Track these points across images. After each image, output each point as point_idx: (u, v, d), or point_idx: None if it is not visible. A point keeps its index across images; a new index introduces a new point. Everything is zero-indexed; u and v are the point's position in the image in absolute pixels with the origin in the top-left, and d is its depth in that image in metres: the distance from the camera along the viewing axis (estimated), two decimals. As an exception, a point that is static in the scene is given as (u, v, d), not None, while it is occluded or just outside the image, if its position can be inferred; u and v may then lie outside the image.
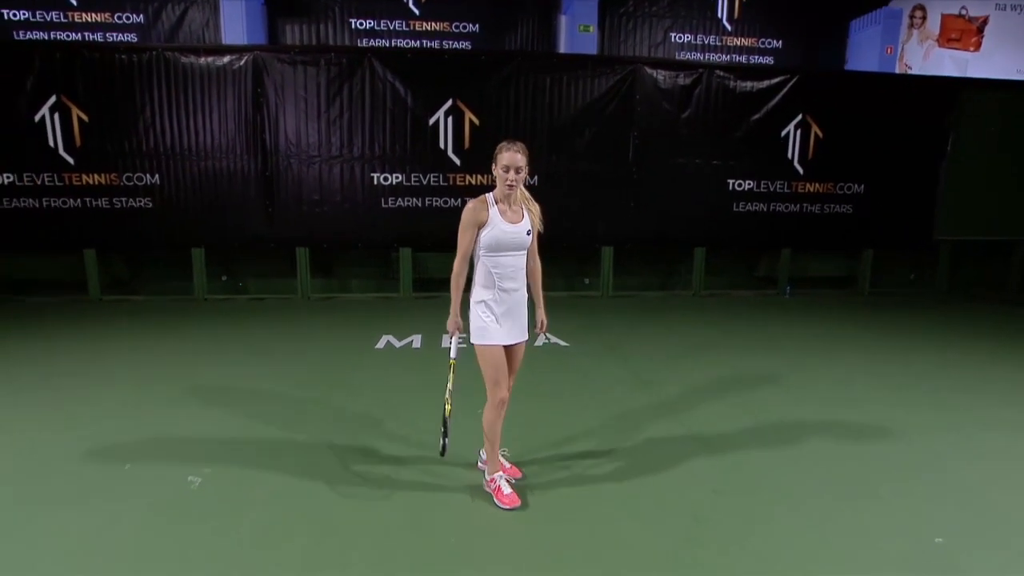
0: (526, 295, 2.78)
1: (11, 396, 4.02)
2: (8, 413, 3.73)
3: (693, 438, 3.47)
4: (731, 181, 7.57)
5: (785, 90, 7.42)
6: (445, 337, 2.71)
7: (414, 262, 7.41)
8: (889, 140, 7.67)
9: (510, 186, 2.60)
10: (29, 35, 8.24)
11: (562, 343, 5.47)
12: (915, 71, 10.16)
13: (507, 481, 2.79)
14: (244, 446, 3.31)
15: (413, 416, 3.73)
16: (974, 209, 8.06)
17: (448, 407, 2.74)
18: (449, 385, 2.78)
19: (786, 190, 7.70)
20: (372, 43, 8.89)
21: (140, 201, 6.78)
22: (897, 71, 9.91)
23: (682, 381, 4.47)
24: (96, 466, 3.05)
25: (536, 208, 2.76)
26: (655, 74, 7.21)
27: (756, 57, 9.78)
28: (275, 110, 6.76)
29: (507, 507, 2.68)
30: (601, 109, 7.18)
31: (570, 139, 7.20)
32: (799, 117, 7.52)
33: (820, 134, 7.59)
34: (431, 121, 7.00)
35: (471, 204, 2.63)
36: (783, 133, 7.54)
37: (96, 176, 6.68)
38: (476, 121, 7.04)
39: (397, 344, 5.41)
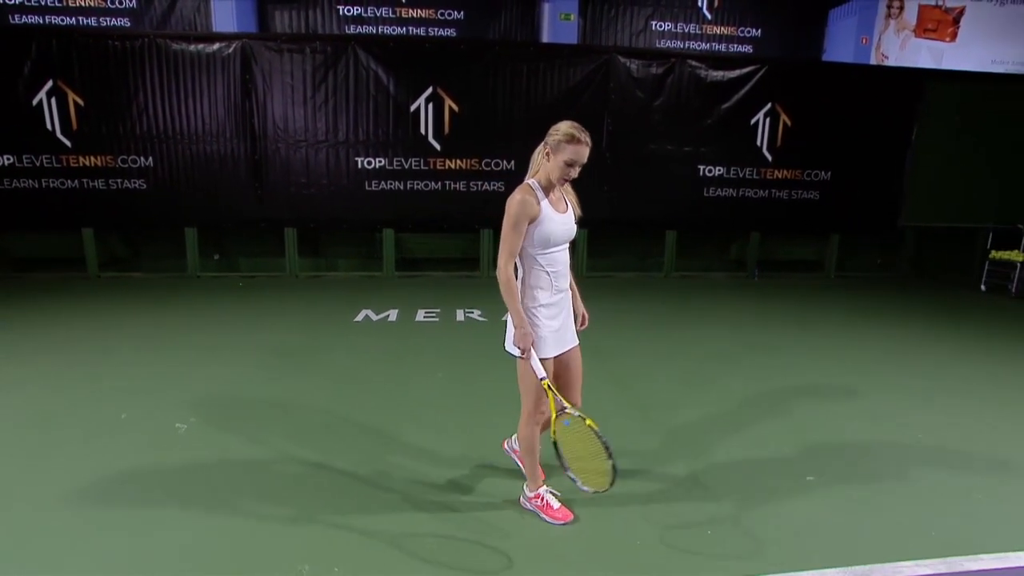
0: (572, 294, 2.54)
1: (16, 360, 4.40)
2: (14, 375, 4.12)
3: (630, 404, 3.86)
4: (702, 167, 7.88)
5: (755, 79, 7.70)
6: (511, 346, 2.35)
7: (397, 243, 7.77)
8: (856, 129, 7.97)
9: (566, 180, 2.34)
10: (25, 19, 8.49)
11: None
12: (892, 61, 10.39)
13: (553, 494, 2.56)
14: (226, 401, 3.70)
15: (390, 381, 4.12)
16: (938, 197, 8.37)
17: (588, 421, 2.25)
18: (567, 409, 2.31)
19: (755, 176, 8.01)
20: (359, 30, 9.13)
21: (135, 182, 7.11)
22: (874, 61, 10.14)
23: (634, 352, 4.85)
24: (97, 418, 3.44)
25: (573, 195, 2.51)
26: (629, 63, 7.49)
27: (735, 46, 10.01)
28: (263, 96, 7.06)
29: (560, 522, 2.47)
30: (576, 96, 7.47)
31: (546, 125, 7.42)
32: (768, 106, 7.81)
33: (789, 122, 7.89)
34: (412, 107, 7.30)
35: (519, 196, 2.27)
36: (752, 121, 7.83)
37: (92, 158, 7.00)
38: (456, 108, 7.34)
39: (374, 317, 5.79)
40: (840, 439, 3.36)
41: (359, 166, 7.38)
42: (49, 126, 6.86)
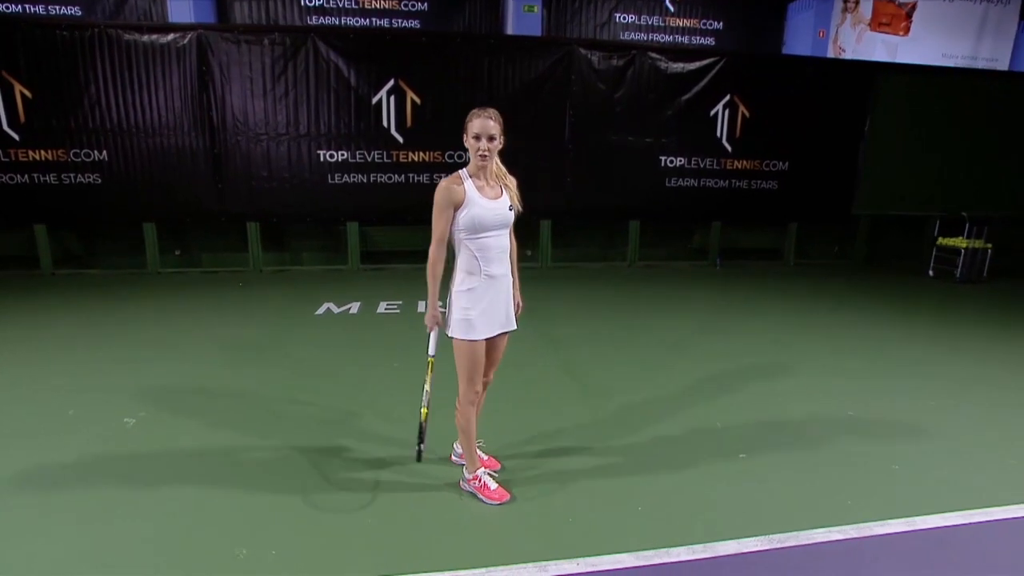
0: (511, 280, 2.57)
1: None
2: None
3: (580, 389, 3.96)
4: (663, 158, 8.02)
5: (714, 71, 7.85)
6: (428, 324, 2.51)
7: (362, 236, 7.75)
8: (812, 120, 8.19)
9: (483, 156, 2.35)
10: (-30, 8, 8.19)
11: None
12: (849, 54, 10.67)
13: (490, 476, 2.65)
14: (179, 394, 3.69)
15: (341, 371, 4.15)
16: (890, 186, 8.66)
17: (424, 410, 2.55)
18: (427, 386, 2.57)
19: (715, 167, 8.19)
20: (322, 21, 9.04)
21: (89, 177, 6.95)
22: (831, 54, 10.41)
23: (591, 340, 4.96)
24: (41, 416, 3.41)
25: (513, 183, 2.54)
26: (590, 55, 7.57)
27: (698, 38, 10.17)
28: (221, 88, 6.96)
29: (496, 503, 2.53)
30: (538, 88, 7.53)
31: (509, 117, 7.49)
32: (727, 97, 7.97)
33: (747, 114, 8.07)
34: (374, 100, 7.27)
35: (444, 182, 2.37)
36: (712, 112, 7.99)
37: (43, 152, 6.82)
38: (418, 100, 7.33)
39: (336, 310, 5.80)
40: (777, 417, 3.51)
41: (321, 159, 7.33)
42: (-5, 119, 6.66)
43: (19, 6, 8.33)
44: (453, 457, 2.90)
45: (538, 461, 2.94)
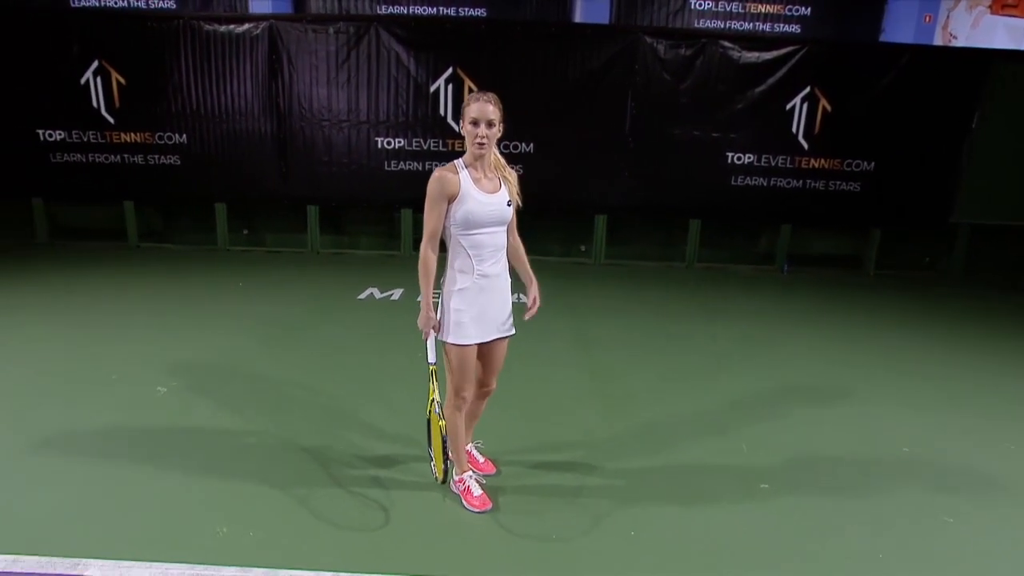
0: (510, 282, 2.43)
1: (44, 320, 4.79)
2: (40, 332, 4.48)
3: (600, 396, 3.78)
4: (730, 154, 7.51)
5: (793, 61, 7.23)
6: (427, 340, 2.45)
7: (414, 223, 7.86)
8: (906, 115, 7.35)
9: (480, 144, 2.20)
10: (83, 3, 9.02)
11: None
12: (961, 41, 9.47)
13: (477, 481, 2.53)
14: (206, 369, 3.89)
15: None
16: (999, 190, 7.65)
17: (441, 423, 2.37)
18: (434, 395, 2.42)
19: (788, 165, 7.56)
20: (391, 10, 9.17)
21: (170, 158, 7.50)
22: (939, 42, 9.29)
23: (625, 343, 4.73)
24: (92, 377, 3.71)
25: (513, 176, 2.39)
26: (655, 44, 7.19)
27: (782, 25, 9.39)
28: (288, 76, 7.25)
29: (476, 510, 2.43)
30: (599, 78, 7.26)
31: (567, 107, 7.35)
32: (807, 90, 7.31)
33: (829, 108, 7.37)
34: (432, 88, 7.31)
35: (437, 173, 2.23)
36: (788, 106, 7.37)
37: (133, 135, 7.43)
38: (475, 88, 7.28)
39: (379, 295, 5.92)
40: (815, 447, 3.17)
41: (379, 146, 7.48)
42: (95, 104, 7.31)
43: (125, 1, 9.05)
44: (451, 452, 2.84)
45: (536, 472, 2.81)
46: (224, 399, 3.44)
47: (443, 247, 2.41)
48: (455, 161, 2.32)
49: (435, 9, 9.22)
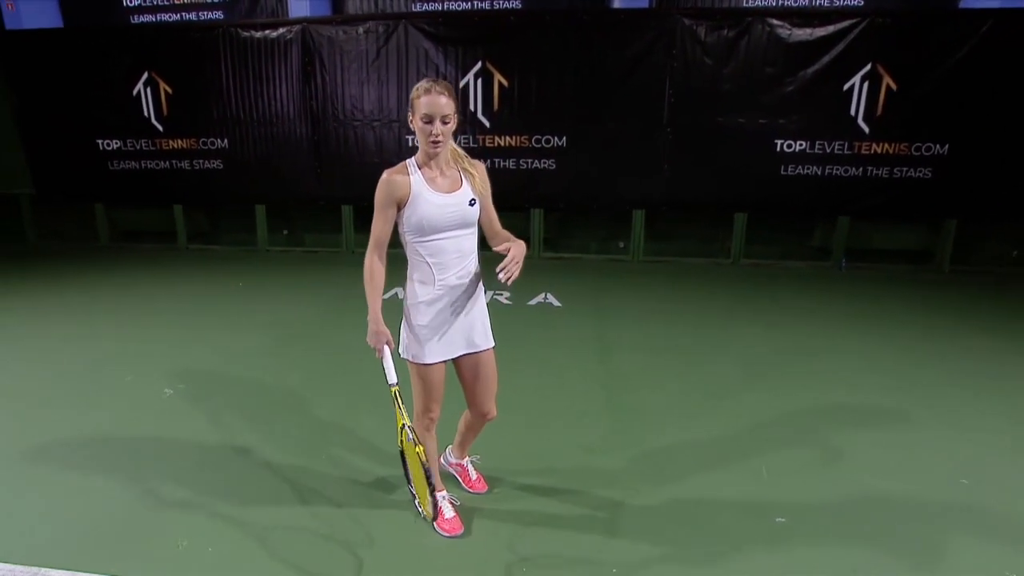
0: (482, 291, 2.22)
1: (85, 320, 5.05)
2: (79, 331, 4.72)
3: (610, 409, 3.51)
4: (780, 141, 6.93)
5: (852, 36, 6.56)
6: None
7: (446, 222, 7.79)
8: (986, 91, 6.51)
9: (435, 143, 1.99)
10: (141, 19, 9.52)
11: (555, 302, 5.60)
12: (1060, 4, 8.31)
13: (451, 503, 2.36)
14: (211, 374, 3.93)
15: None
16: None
17: (418, 449, 2.03)
18: (403, 421, 2.10)
19: (847, 151, 6.89)
20: (425, 7, 9.10)
21: (213, 162, 7.79)
22: (1032, 5, 8.18)
23: (646, 348, 4.42)
24: (104, 380, 3.84)
25: (479, 168, 2.16)
26: (695, 26, 6.73)
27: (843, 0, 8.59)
28: (320, 77, 7.34)
29: (446, 534, 2.26)
30: (635, 66, 6.88)
31: (601, 98, 7.02)
32: (868, 67, 6.62)
33: (894, 86, 6.65)
34: (462, 83, 7.18)
35: (385, 175, 2.03)
36: (846, 87, 6.70)
37: (179, 141, 7.76)
38: (505, 83, 7.10)
39: (401, 295, 5.85)
40: (852, 476, 2.77)
41: (409, 144, 7.44)
42: (146, 113, 7.69)
43: (177, 14, 9.47)
44: (441, 460, 2.65)
45: (521, 496, 2.59)
46: (220, 406, 3.43)
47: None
48: (407, 161, 2.11)
49: (469, 4, 9.06)
